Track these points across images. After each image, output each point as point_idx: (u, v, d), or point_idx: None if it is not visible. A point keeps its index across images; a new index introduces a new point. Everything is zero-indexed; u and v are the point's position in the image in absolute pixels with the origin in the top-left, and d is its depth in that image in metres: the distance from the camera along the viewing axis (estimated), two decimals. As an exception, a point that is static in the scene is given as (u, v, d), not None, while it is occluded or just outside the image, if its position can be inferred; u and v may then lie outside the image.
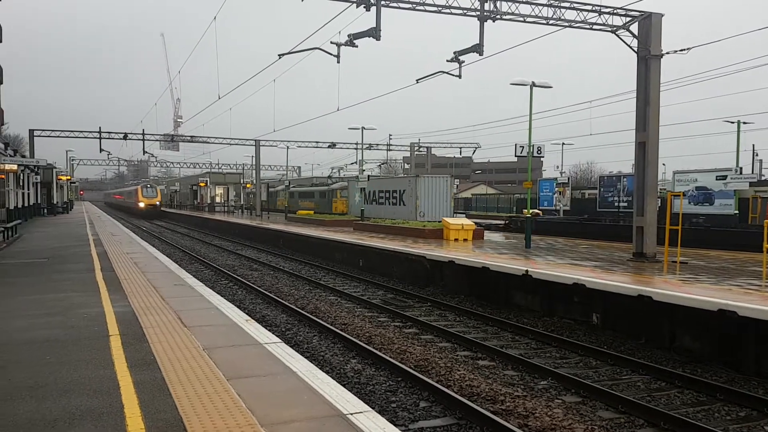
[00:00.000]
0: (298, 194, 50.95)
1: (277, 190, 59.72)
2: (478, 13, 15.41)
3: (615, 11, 15.83)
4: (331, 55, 16.84)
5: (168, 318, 8.16)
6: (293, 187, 55.07)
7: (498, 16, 15.50)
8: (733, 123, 39.71)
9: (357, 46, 15.75)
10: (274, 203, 58.01)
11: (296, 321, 12.79)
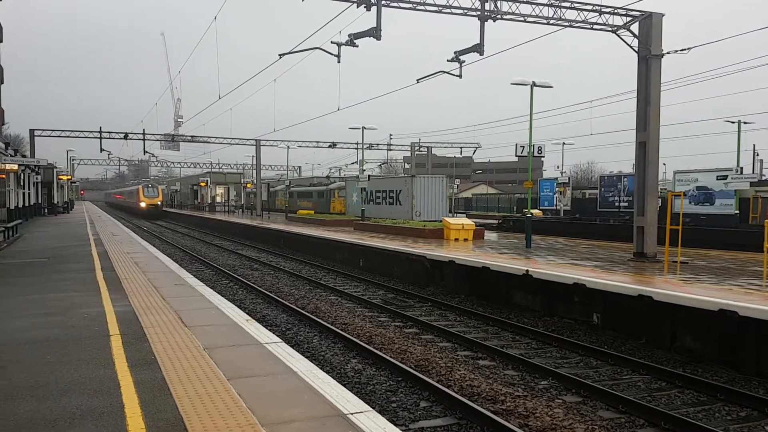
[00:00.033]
0: (296, 194, 51.05)
1: (278, 190, 59.75)
2: (479, 13, 15.42)
3: (615, 11, 15.83)
4: (332, 54, 16.85)
5: (168, 318, 8.17)
6: (292, 187, 55.19)
7: (498, 16, 15.51)
8: (733, 123, 39.69)
9: (357, 46, 15.76)
10: (274, 203, 58.05)
11: (297, 321, 12.80)
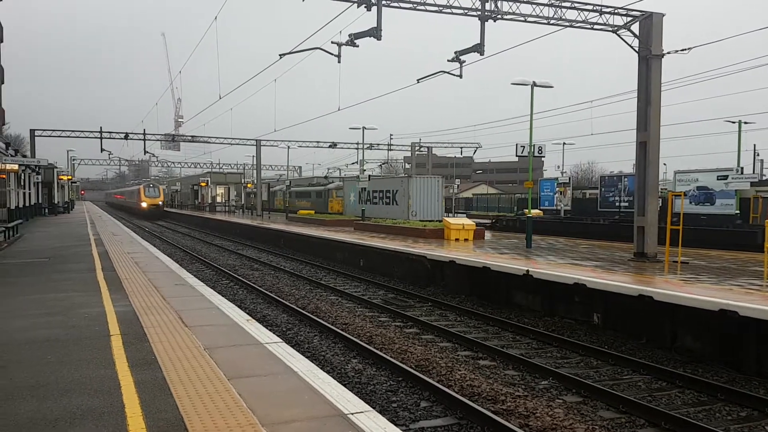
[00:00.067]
0: (295, 194, 51.23)
1: (278, 190, 59.82)
2: (479, 13, 15.42)
3: (616, 11, 15.82)
4: (332, 54, 16.85)
5: (169, 318, 8.17)
6: (292, 188, 55.45)
7: (499, 16, 15.50)
8: (734, 123, 39.65)
9: (358, 46, 15.76)
10: (274, 203, 58.12)
11: (297, 321, 12.80)
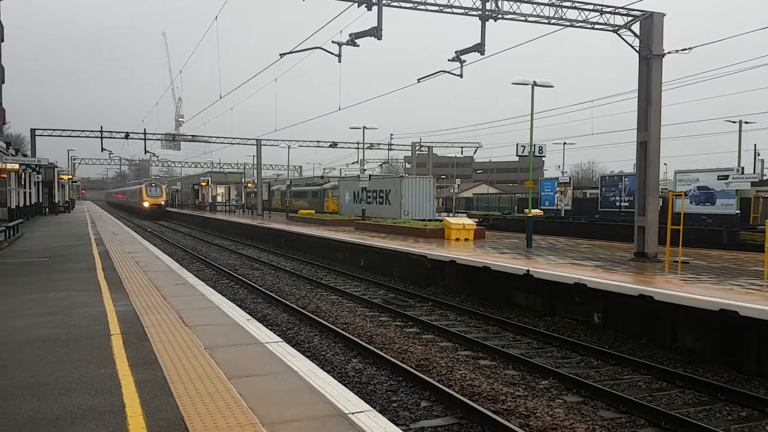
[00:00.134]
0: (292, 194, 51.54)
1: (275, 190, 59.95)
2: (480, 13, 15.41)
3: (616, 11, 15.82)
4: (333, 54, 16.84)
5: (169, 317, 8.17)
6: (285, 187, 55.99)
7: (499, 16, 15.50)
8: (734, 123, 39.63)
9: (358, 46, 15.75)
10: (272, 202, 58.25)
11: (297, 320, 12.80)
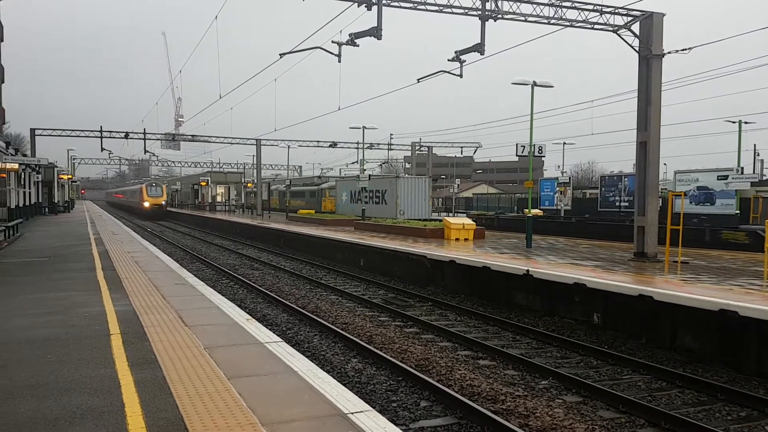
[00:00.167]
0: (290, 194, 51.84)
1: (274, 190, 60.08)
2: (480, 13, 15.42)
3: (616, 11, 15.82)
4: (333, 54, 16.84)
5: (169, 317, 8.17)
6: (283, 187, 56.51)
7: (499, 16, 15.50)
8: (734, 123, 39.64)
9: (358, 46, 15.75)
10: (270, 202, 58.33)
11: (297, 320, 12.80)
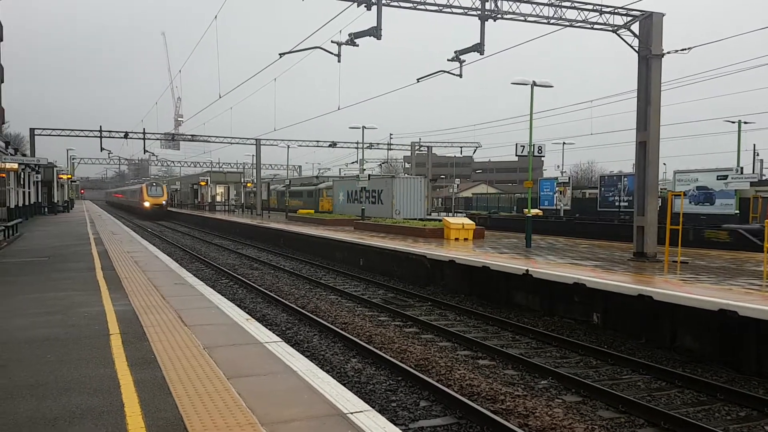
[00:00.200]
0: (289, 193, 52.05)
1: (275, 189, 60.17)
2: (479, 13, 15.42)
3: (616, 11, 15.82)
4: (332, 54, 16.85)
5: (168, 317, 8.17)
6: (282, 187, 56.79)
7: (499, 16, 15.50)
8: (733, 123, 39.65)
9: (358, 45, 15.76)
10: (269, 202, 58.45)
11: (296, 320, 12.80)
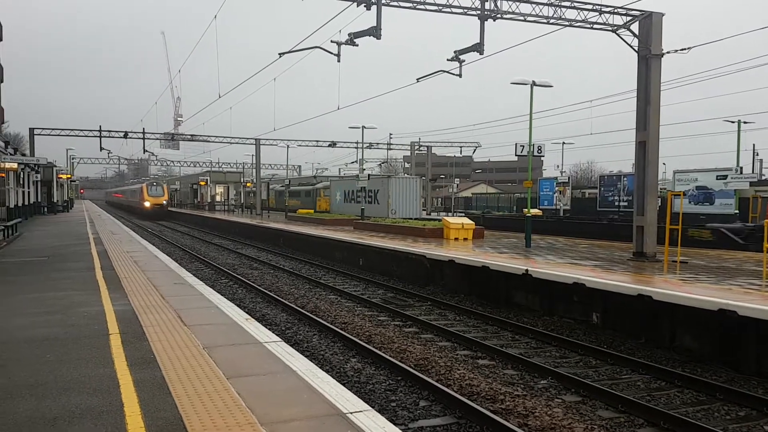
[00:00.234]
0: (288, 193, 52.21)
1: (274, 189, 60.28)
2: (479, 12, 15.42)
3: (615, 10, 15.82)
4: (332, 54, 16.85)
5: (168, 317, 8.16)
6: (281, 187, 57.12)
7: (498, 15, 15.50)
8: (733, 122, 39.67)
9: (357, 45, 15.75)
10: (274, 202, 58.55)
11: (296, 320, 12.80)
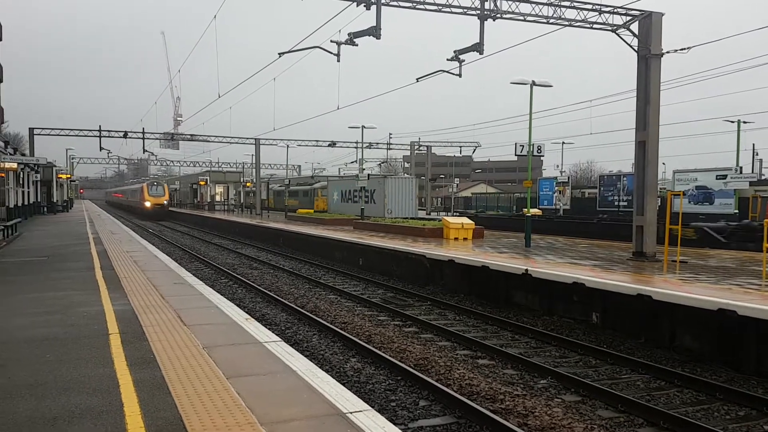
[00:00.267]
0: (287, 193, 52.29)
1: (272, 189, 60.42)
2: (479, 12, 15.42)
3: (615, 10, 15.82)
4: (331, 53, 16.85)
5: (168, 316, 8.16)
6: (280, 187, 57.32)
7: (498, 15, 15.50)
8: (733, 122, 39.68)
9: (357, 45, 15.76)
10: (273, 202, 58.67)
11: (296, 320, 12.80)
